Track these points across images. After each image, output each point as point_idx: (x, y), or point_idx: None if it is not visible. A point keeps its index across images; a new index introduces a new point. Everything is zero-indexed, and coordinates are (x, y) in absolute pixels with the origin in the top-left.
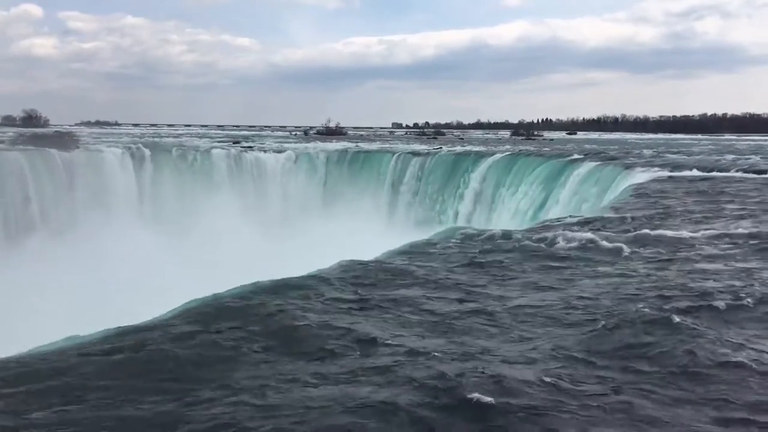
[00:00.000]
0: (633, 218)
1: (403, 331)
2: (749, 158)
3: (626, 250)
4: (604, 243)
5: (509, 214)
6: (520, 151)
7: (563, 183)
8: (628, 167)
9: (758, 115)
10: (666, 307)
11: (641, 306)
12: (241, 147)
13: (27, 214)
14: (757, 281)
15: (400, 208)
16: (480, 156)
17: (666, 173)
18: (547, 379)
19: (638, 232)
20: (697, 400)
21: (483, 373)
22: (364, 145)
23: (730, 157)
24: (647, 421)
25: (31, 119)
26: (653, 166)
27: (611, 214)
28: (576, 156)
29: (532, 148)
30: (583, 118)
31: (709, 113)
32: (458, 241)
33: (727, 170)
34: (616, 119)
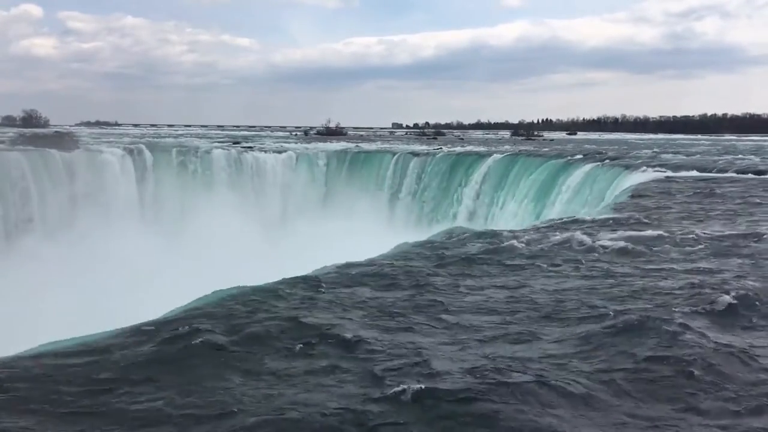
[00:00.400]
0: (632, 219)
1: (400, 331)
2: (748, 158)
3: (625, 250)
4: (603, 243)
5: (509, 214)
6: (519, 151)
7: (563, 184)
8: (628, 168)
9: (758, 116)
10: (664, 307)
11: (639, 306)
12: (241, 147)
13: (26, 214)
14: (750, 281)
15: (400, 209)
16: (480, 156)
17: (665, 174)
18: (540, 379)
19: (637, 232)
20: (696, 403)
21: (482, 372)
22: (364, 146)
23: (729, 157)
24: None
25: (31, 119)
26: (653, 166)
27: (610, 215)
28: (576, 156)
29: (532, 149)
30: (583, 119)
31: (709, 113)
32: (457, 241)
33: (726, 171)
34: (616, 119)
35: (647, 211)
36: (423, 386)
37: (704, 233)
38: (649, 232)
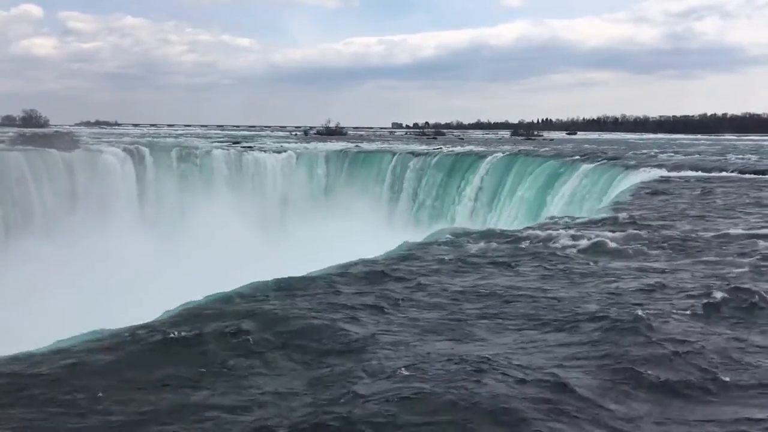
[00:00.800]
0: (631, 219)
1: (400, 331)
2: (747, 158)
3: (625, 249)
4: (603, 243)
5: (508, 214)
6: (519, 151)
7: (562, 183)
8: (628, 168)
9: (758, 115)
10: (664, 306)
11: (639, 305)
12: (241, 147)
13: (26, 214)
14: (749, 280)
15: (400, 209)
16: (479, 156)
17: (665, 174)
18: (533, 378)
19: (637, 232)
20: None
21: (480, 371)
22: (364, 146)
23: (729, 157)
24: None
25: (30, 119)
26: (653, 166)
27: (609, 215)
28: (575, 156)
29: (531, 148)
30: (583, 118)
31: (709, 113)
32: (456, 241)
33: (725, 170)
34: (616, 119)
35: (647, 210)
36: (422, 386)
37: (704, 233)
38: (649, 232)
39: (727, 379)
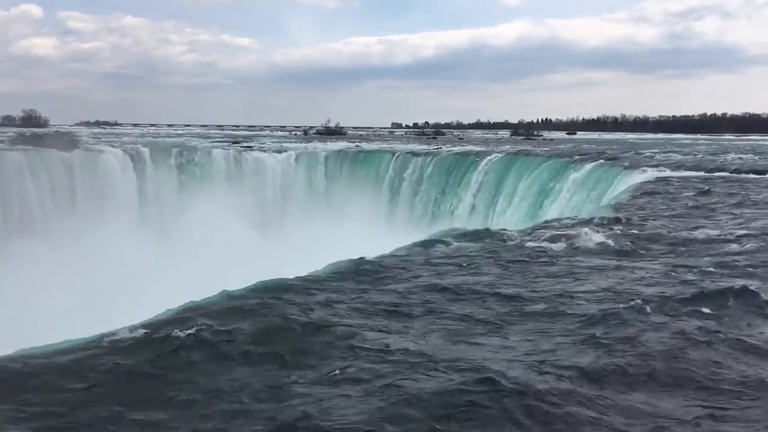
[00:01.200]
0: (630, 219)
1: (399, 330)
2: (746, 157)
3: (625, 249)
4: (603, 243)
5: (508, 214)
6: (519, 151)
7: (562, 183)
8: (627, 168)
9: (758, 115)
10: (663, 305)
11: (639, 305)
12: (241, 147)
13: (25, 214)
14: (749, 279)
15: (400, 209)
16: (479, 156)
17: (665, 173)
18: (528, 376)
19: (636, 231)
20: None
21: (478, 373)
22: (364, 145)
23: (729, 156)
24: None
25: (30, 119)
26: (653, 166)
27: (609, 215)
28: (575, 156)
29: (531, 148)
30: (583, 118)
31: (708, 113)
32: (455, 241)
33: (724, 170)
34: (615, 119)
35: (647, 210)
36: (420, 384)
37: (703, 232)
38: (649, 232)
39: (733, 376)
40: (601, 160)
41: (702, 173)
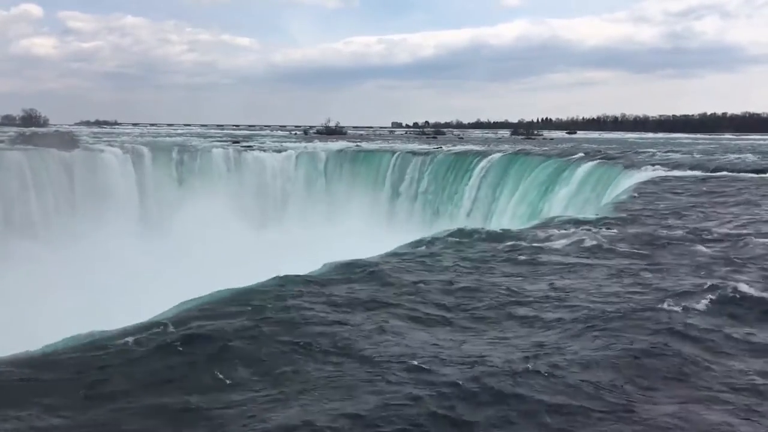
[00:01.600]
0: (631, 218)
1: (398, 330)
2: (745, 157)
3: (623, 249)
4: (602, 242)
5: (508, 213)
6: (519, 150)
7: (562, 183)
8: (628, 167)
9: (758, 115)
10: (663, 305)
11: (639, 304)
12: (241, 146)
13: (25, 214)
14: (747, 278)
15: (400, 208)
16: (479, 155)
17: (665, 173)
18: (535, 378)
19: (636, 231)
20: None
21: (477, 371)
22: (364, 145)
23: (730, 156)
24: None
25: (30, 119)
26: (653, 165)
27: (609, 214)
28: (575, 155)
29: (530, 148)
30: (583, 118)
31: (708, 113)
32: (455, 240)
33: (724, 170)
34: (615, 118)
35: (646, 210)
36: (419, 384)
37: (703, 232)
38: (649, 231)
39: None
40: (603, 159)
41: (701, 173)
